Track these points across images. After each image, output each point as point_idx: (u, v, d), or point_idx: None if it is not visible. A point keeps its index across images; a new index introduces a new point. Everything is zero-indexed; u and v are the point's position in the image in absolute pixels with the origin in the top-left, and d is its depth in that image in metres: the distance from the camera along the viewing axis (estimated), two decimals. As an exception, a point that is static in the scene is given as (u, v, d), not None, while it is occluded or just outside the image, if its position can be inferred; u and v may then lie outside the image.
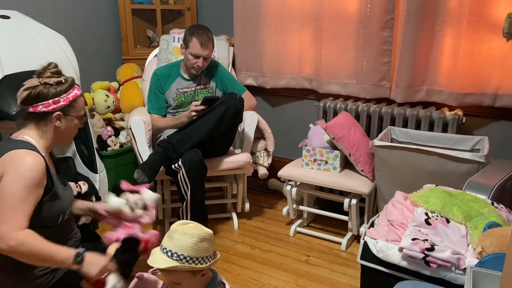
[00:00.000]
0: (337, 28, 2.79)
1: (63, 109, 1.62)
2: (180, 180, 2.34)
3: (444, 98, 2.55)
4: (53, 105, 1.59)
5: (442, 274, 1.49)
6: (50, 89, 1.59)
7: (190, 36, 2.55)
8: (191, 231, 1.38)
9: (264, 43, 3.08)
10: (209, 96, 2.55)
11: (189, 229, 1.38)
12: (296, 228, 2.71)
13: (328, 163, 2.55)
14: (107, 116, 3.09)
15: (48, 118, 1.61)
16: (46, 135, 1.63)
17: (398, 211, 1.75)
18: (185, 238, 1.36)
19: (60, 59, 2.51)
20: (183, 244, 1.36)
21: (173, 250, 1.36)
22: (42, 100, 1.58)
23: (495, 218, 1.59)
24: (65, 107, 1.62)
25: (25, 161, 1.49)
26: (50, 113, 1.60)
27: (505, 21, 1.89)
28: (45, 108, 1.59)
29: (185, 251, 1.35)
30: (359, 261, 1.71)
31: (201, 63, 2.58)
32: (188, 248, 1.35)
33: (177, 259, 1.34)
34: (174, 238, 1.37)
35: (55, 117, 1.61)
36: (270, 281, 2.24)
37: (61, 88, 1.61)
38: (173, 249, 1.36)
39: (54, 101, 1.59)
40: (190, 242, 1.36)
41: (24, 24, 2.49)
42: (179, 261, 1.34)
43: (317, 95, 3.03)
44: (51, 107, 1.59)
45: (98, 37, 3.35)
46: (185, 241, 1.36)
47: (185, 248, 1.35)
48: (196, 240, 1.36)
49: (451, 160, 2.10)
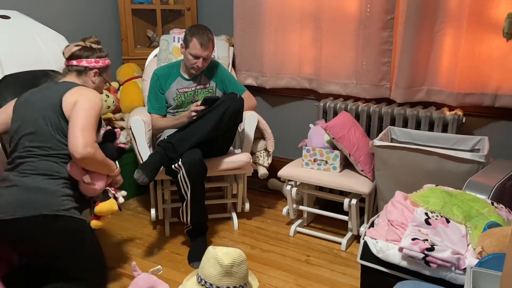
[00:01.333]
0: (337, 28, 2.79)
1: (100, 69, 2.10)
2: (180, 180, 2.34)
3: (444, 98, 2.55)
4: (94, 63, 2.08)
5: (442, 274, 1.49)
6: (93, 51, 2.09)
7: (191, 36, 2.55)
8: (242, 257, 1.42)
9: (264, 43, 3.08)
10: (209, 96, 2.55)
11: (240, 258, 1.42)
12: (296, 228, 2.71)
13: (328, 163, 2.55)
14: (107, 116, 3.08)
15: (88, 73, 2.08)
16: (85, 85, 2.05)
17: (398, 211, 1.75)
18: (243, 266, 1.39)
19: (60, 59, 2.52)
20: (245, 274, 1.39)
21: (237, 284, 1.38)
22: (87, 57, 2.07)
23: (495, 218, 1.59)
24: (101, 68, 2.11)
25: (94, 94, 1.96)
26: (90, 69, 2.07)
27: (505, 21, 1.89)
28: (88, 64, 2.07)
29: (245, 279, 1.36)
30: (359, 261, 1.71)
31: (201, 63, 2.58)
32: (246, 275, 1.37)
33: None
34: (234, 273, 1.38)
35: (94, 72, 2.08)
36: (270, 281, 2.24)
37: (102, 54, 2.12)
38: (236, 283, 1.38)
39: (96, 60, 2.09)
40: (246, 268, 1.39)
41: (24, 24, 2.49)
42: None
43: (317, 95, 3.03)
44: (92, 64, 2.08)
45: (98, 37, 3.31)
46: (244, 269, 1.39)
47: (245, 277, 1.38)
48: (247, 265, 1.40)
49: (451, 160, 2.11)
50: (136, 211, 3.02)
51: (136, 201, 3.16)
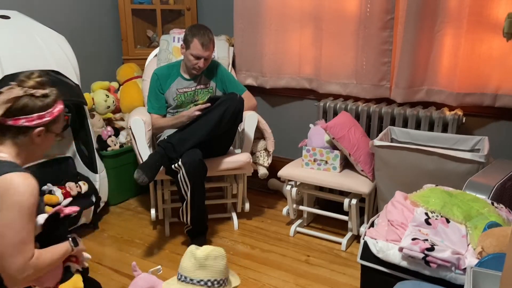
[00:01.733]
0: (337, 28, 2.79)
1: (46, 125, 1.46)
2: (180, 180, 2.34)
3: (444, 98, 2.55)
4: (37, 120, 1.43)
5: (442, 274, 1.49)
6: (36, 101, 1.43)
7: (191, 36, 2.55)
8: (219, 253, 1.39)
9: (264, 43, 3.08)
10: (214, 96, 2.56)
11: (216, 252, 1.39)
12: (296, 228, 2.71)
13: (328, 163, 2.55)
14: (107, 116, 3.09)
15: (28, 133, 1.44)
16: (23, 153, 1.47)
17: (398, 211, 1.75)
18: (219, 261, 1.37)
19: (60, 59, 2.53)
20: (220, 268, 1.36)
21: (212, 278, 1.36)
22: (26, 114, 1.42)
23: (495, 218, 1.59)
24: (48, 123, 1.47)
25: (22, 189, 1.35)
26: (32, 128, 1.44)
27: (505, 21, 1.89)
28: (28, 123, 1.42)
29: (221, 274, 1.36)
30: (359, 261, 1.71)
31: (202, 63, 2.58)
32: (223, 271, 1.36)
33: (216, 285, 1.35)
34: (209, 266, 1.37)
35: (36, 133, 1.45)
36: (270, 281, 2.24)
37: (48, 102, 1.45)
38: (211, 277, 1.36)
39: (39, 115, 1.43)
40: (223, 264, 1.37)
41: (24, 24, 2.49)
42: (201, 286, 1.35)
43: (317, 95, 3.03)
44: (35, 122, 1.43)
45: (98, 37, 3.35)
46: (220, 264, 1.37)
47: (221, 272, 1.36)
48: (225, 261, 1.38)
49: (451, 160, 2.10)
50: (136, 211, 3.02)
51: (136, 201, 3.16)
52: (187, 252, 1.46)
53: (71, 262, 1.59)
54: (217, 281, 1.34)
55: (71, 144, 2.71)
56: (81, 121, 2.65)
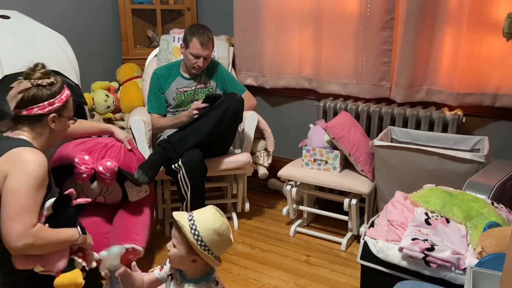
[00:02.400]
0: (337, 28, 2.79)
1: (57, 111, 1.61)
2: (180, 180, 2.34)
3: (444, 98, 2.55)
4: (49, 107, 1.58)
5: (442, 274, 1.49)
6: (44, 90, 1.58)
7: (191, 36, 2.55)
8: (218, 218, 1.41)
9: (264, 43, 3.08)
10: (211, 94, 2.55)
11: (218, 216, 1.42)
12: (296, 228, 2.71)
13: (328, 163, 2.55)
14: (107, 116, 3.08)
15: (43, 120, 1.60)
16: (41, 137, 1.62)
17: (398, 211, 1.75)
18: (210, 218, 1.39)
19: (60, 59, 2.52)
20: (204, 220, 1.37)
21: (194, 218, 1.37)
22: (37, 103, 1.57)
23: (495, 218, 1.59)
24: (59, 108, 1.62)
25: (30, 160, 1.47)
26: (45, 115, 1.59)
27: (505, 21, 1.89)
28: (41, 111, 1.58)
29: (200, 225, 1.36)
30: (359, 261, 1.71)
31: (202, 63, 2.58)
32: (204, 226, 1.36)
33: (190, 225, 1.35)
34: (203, 212, 1.41)
35: (50, 119, 1.60)
36: (270, 281, 2.24)
37: (55, 89, 1.60)
38: (194, 217, 1.37)
39: (49, 102, 1.59)
40: (210, 225, 1.37)
41: (24, 24, 2.49)
42: (189, 228, 1.35)
43: (317, 95, 3.03)
44: (47, 109, 1.58)
45: (98, 37, 3.35)
46: (207, 220, 1.38)
47: (201, 224, 1.36)
48: (215, 228, 1.38)
49: (451, 160, 2.10)
50: (136, 211, 3.01)
51: (136, 201, 3.16)
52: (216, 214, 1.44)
53: (77, 257, 1.61)
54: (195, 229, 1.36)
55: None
56: (81, 121, 2.65)
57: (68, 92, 1.66)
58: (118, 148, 2.18)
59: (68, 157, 2.05)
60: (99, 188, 2.13)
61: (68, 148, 2.11)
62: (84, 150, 2.09)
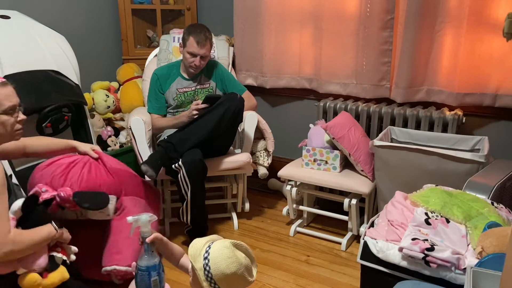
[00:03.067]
0: (337, 28, 2.79)
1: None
2: (180, 180, 2.34)
3: (444, 98, 2.55)
4: None
5: (442, 274, 1.49)
6: None
7: (188, 35, 2.56)
8: (233, 262, 1.27)
9: (264, 43, 3.08)
10: (210, 95, 2.55)
11: (234, 259, 1.27)
12: (296, 228, 2.71)
13: (328, 163, 2.55)
14: (107, 116, 3.09)
15: None
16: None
17: (398, 211, 1.75)
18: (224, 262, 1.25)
19: (60, 59, 2.52)
20: (218, 264, 1.25)
21: (209, 257, 1.26)
22: None
23: (495, 218, 1.59)
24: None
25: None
26: None
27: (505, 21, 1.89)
28: None
29: (214, 268, 1.25)
30: (359, 261, 1.71)
31: (198, 62, 2.58)
32: (217, 270, 1.25)
33: (204, 265, 1.26)
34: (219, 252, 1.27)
35: None
36: (270, 281, 2.24)
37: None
38: (210, 258, 1.26)
39: None
40: (224, 270, 1.25)
41: (24, 24, 2.49)
42: (203, 269, 1.26)
43: (317, 95, 3.03)
44: None
45: (98, 37, 3.35)
46: (221, 264, 1.25)
47: (216, 267, 1.25)
48: (230, 272, 1.26)
49: (451, 160, 2.10)
50: (136, 211, 3.01)
51: (136, 201, 3.16)
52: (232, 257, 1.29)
53: (57, 252, 1.62)
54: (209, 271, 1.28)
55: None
56: (81, 121, 2.65)
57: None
58: (81, 167, 2.01)
59: (32, 187, 1.92)
60: (72, 213, 1.97)
61: (34, 176, 2.01)
62: (45, 176, 1.96)
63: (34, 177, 2.02)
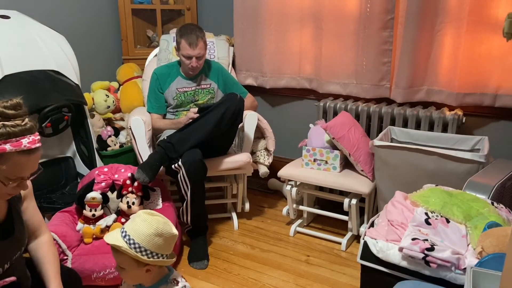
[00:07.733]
0: (337, 28, 2.79)
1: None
2: (180, 180, 2.33)
3: (444, 98, 2.55)
4: None
5: (442, 274, 1.49)
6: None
7: (179, 38, 2.55)
8: (151, 221, 1.38)
9: (264, 43, 3.08)
10: (205, 105, 2.56)
11: (150, 219, 1.38)
12: (296, 228, 2.71)
13: (328, 163, 2.55)
14: (107, 116, 3.09)
15: None
16: None
17: (398, 211, 1.75)
18: (143, 225, 1.36)
19: (60, 59, 2.53)
20: (138, 230, 1.36)
21: (128, 232, 1.36)
22: None
23: (495, 218, 1.59)
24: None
25: None
26: None
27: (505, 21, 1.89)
28: None
29: (137, 237, 1.35)
30: (359, 261, 1.71)
31: (195, 62, 2.57)
32: (141, 236, 1.35)
33: (127, 241, 1.35)
34: (134, 222, 1.38)
35: None
36: (270, 281, 2.24)
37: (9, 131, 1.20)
38: (128, 231, 1.36)
39: None
40: (146, 231, 1.35)
41: (24, 24, 2.49)
42: (127, 244, 1.34)
43: (317, 95, 3.03)
44: None
45: (98, 37, 3.35)
46: (141, 228, 1.36)
47: (138, 235, 1.35)
48: (152, 232, 1.36)
49: (451, 160, 2.10)
50: (136, 211, 3.02)
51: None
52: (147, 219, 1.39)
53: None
54: (133, 241, 1.35)
55: (71, 144, 2.71)
56: (81, 121, 2.65)
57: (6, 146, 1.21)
58: None
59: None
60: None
61: None
62: None
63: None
